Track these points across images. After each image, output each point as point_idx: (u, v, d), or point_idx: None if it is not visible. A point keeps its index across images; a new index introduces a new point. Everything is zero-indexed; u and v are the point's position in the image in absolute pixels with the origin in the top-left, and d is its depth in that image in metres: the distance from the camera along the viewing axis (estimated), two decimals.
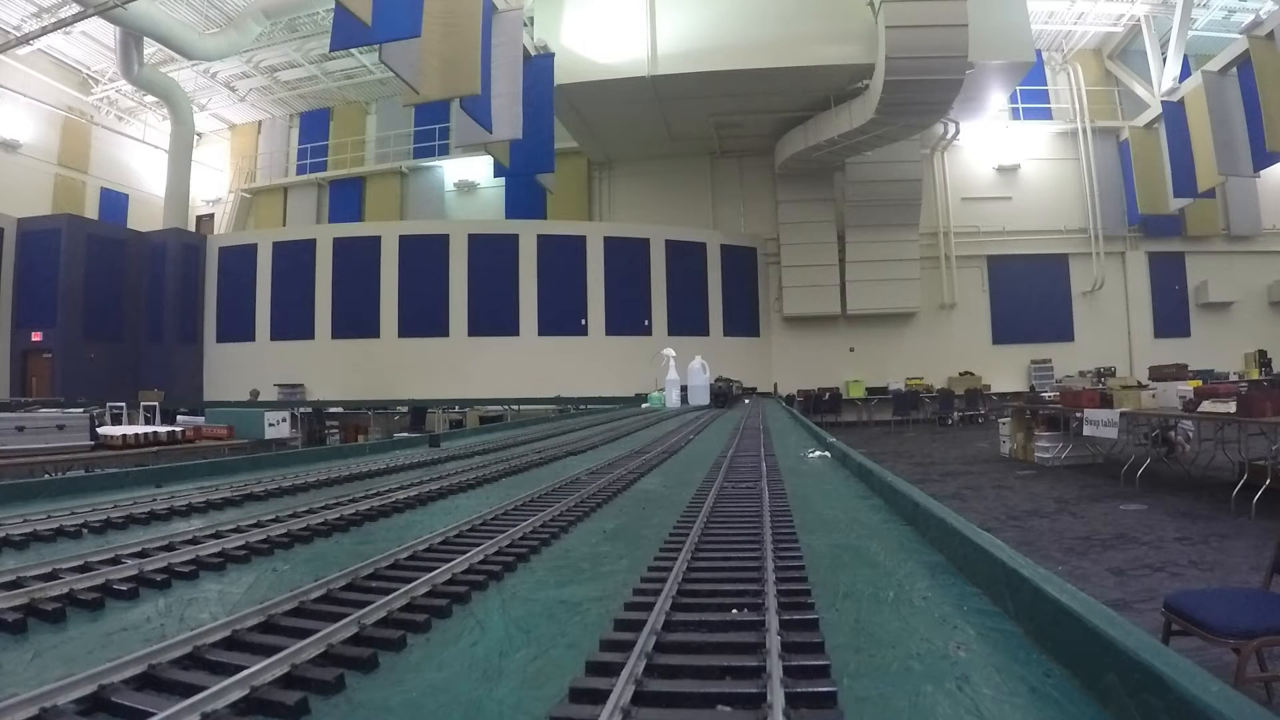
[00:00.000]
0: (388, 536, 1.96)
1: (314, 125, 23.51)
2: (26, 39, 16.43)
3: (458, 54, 10.65)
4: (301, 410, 13.24)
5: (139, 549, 1.64)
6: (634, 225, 19.36)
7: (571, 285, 17.97)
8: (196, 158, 21.01)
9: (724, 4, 15.64)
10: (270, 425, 7.95)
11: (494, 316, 17.63)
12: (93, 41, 18.82)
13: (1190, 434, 9.47)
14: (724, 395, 9.83)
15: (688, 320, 18.64)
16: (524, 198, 20.22)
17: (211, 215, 24.15)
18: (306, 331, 18.02)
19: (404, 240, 17.98)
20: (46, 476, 4.32)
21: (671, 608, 1.19)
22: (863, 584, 1.43)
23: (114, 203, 21.61)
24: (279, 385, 17.33)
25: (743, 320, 19.84)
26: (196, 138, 21.29)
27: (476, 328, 17.58)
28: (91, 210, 20.54)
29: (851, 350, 20.26)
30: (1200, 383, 10.15)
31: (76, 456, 5.96)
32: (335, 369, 17.58)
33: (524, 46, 13.12)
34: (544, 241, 18.03)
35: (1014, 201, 20.55)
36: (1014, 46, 15.63)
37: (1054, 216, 20.33)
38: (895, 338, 20.15)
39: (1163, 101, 17.64)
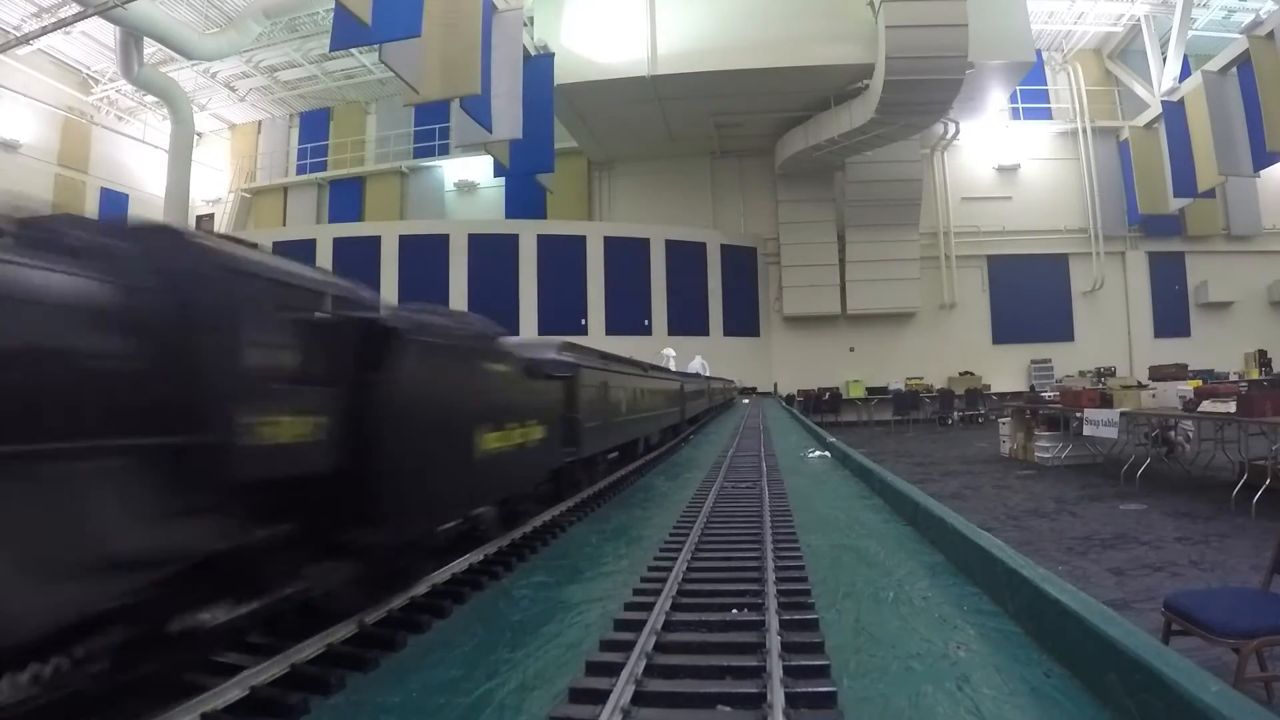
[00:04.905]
0: None
1: (314, 125, 23.49)
2: (26, 39, 16.41)
3: (458, 54, 10.64)
4: None
5: None
6: (634, 225, 19.35)
7: (571, 285, 17.95)
8: (196, 158, 20.97)
9: (724, 4, 15.62)
10: None
11: (493, 316, 16.96)
12: (93, 41, 18.80)
13: (1190, 434, 9.46)
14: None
15: (688, 320, 18.62)
16: (524, 198, 20.19)
17: (211, 215, 24.11)
18: None
19: (404, 240, 17.96)
20: None
21: (671, 608, 1.19)
22: (863, 584, 1.43)
23: (114, 203, 21.58)
24: None
25: (743, 320, 19.82)
26: (196, 138, 21.25)
27: None
28: (91, 210, 20.51)
29: (851, 350, 20.25)
30: (1200, 383, 10.15)
31: None
32: None
33: (524, 46, 13.12)
34: (544, 241, 18.02)
35: (1014, 201, 20.54)
36: (1014, 46, 15.63)
37: (1054, 216, 20.31)
38: (895, 338, 20.13)
39: (1163, 101, 17.62)
